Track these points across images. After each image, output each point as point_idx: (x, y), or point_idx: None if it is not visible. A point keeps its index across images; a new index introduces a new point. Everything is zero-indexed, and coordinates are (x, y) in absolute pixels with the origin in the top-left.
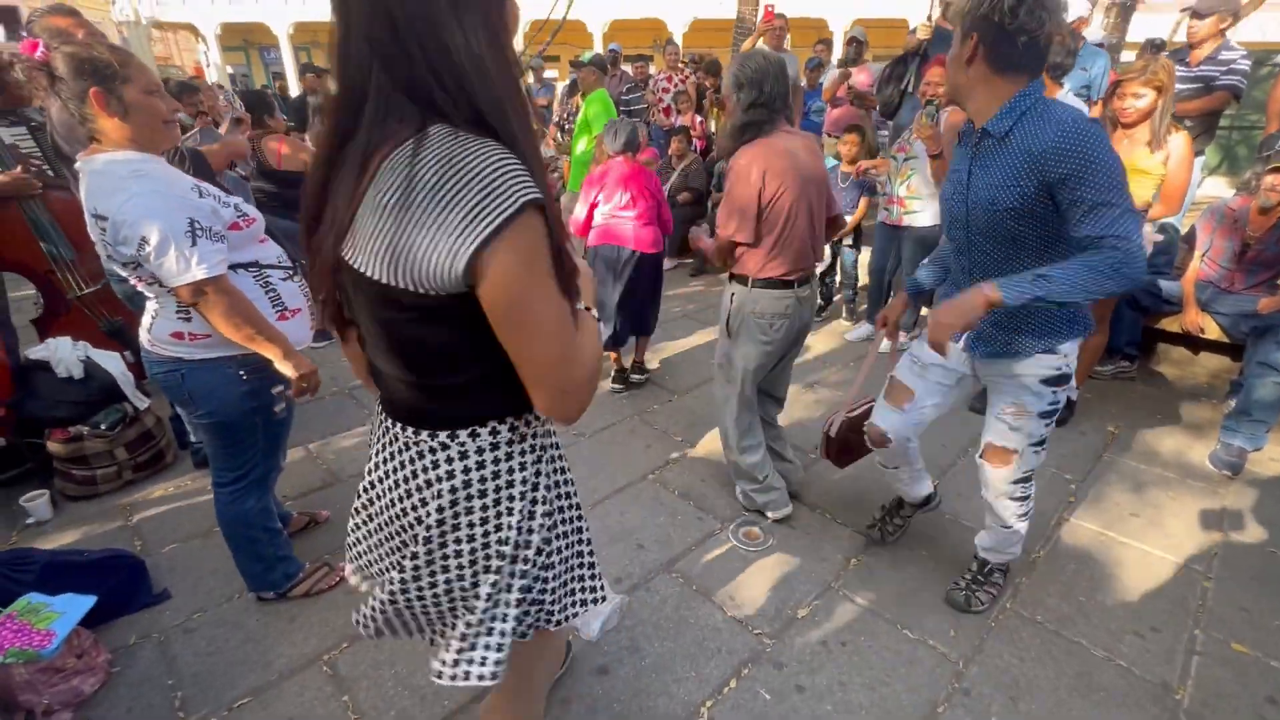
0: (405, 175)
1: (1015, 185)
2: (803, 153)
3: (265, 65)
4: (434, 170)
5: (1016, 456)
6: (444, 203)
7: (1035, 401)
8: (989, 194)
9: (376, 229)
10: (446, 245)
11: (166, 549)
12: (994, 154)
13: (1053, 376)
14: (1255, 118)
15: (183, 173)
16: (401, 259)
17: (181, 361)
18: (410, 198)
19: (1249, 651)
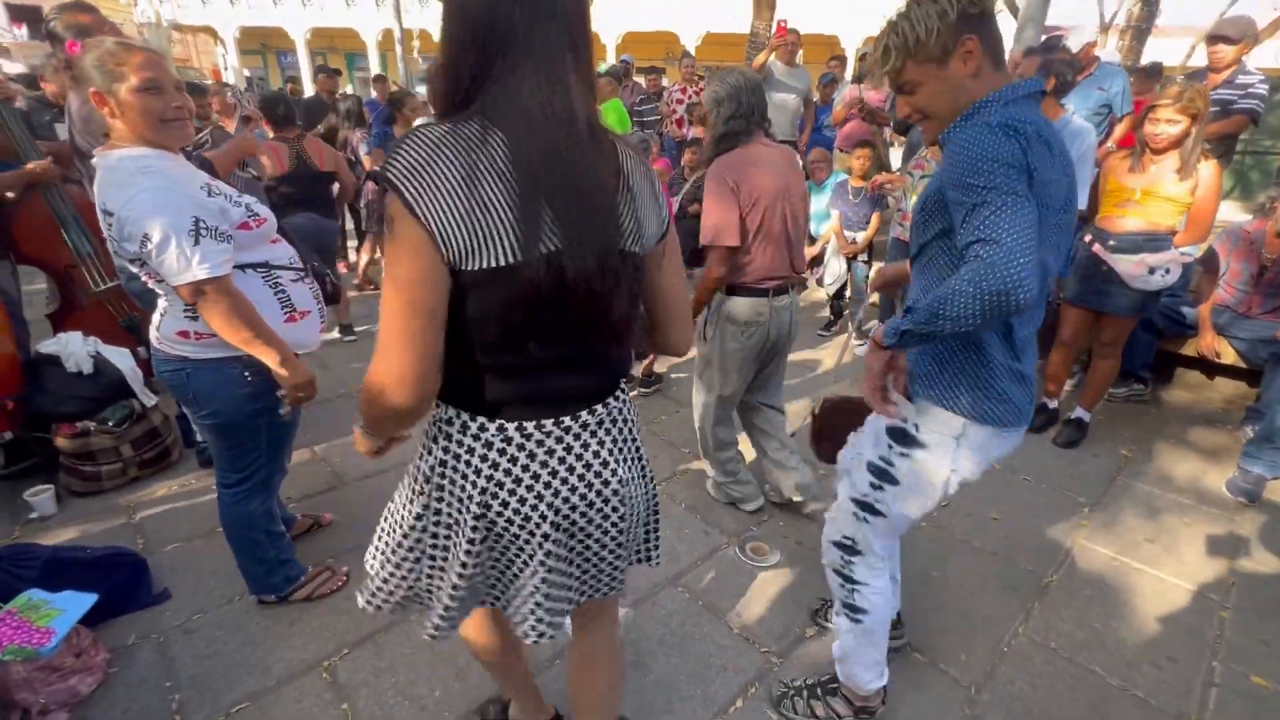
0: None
1: (931, 197)
2: (779, 164)
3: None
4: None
5: (836, 506)
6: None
7: (871, 446)
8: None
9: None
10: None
11: (169, 548)
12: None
13: (896, 428)
14: (1269, 142)
15: (197, 170)
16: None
17: (187, 360)
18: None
19: (1269, 685)
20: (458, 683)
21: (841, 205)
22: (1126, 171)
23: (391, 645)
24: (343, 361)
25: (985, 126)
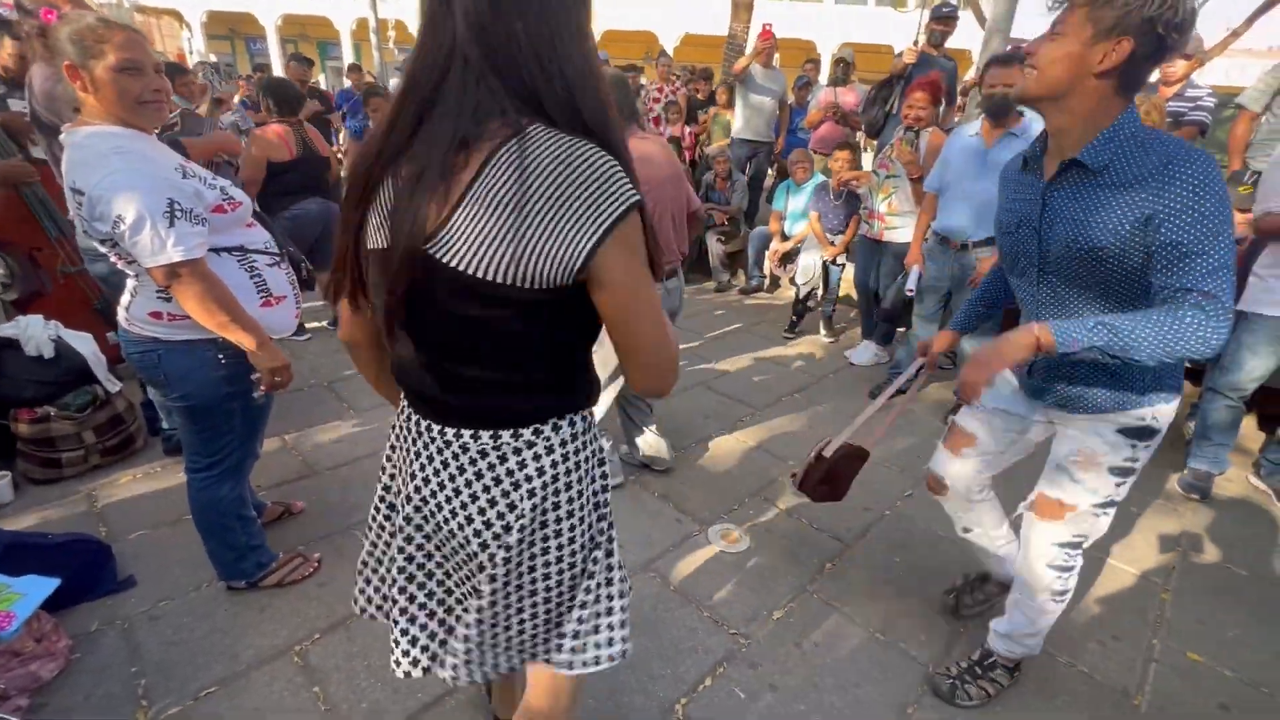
0: (518, 172)
1: (1107, 223)
2: (657, 155)
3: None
4: (550, 168)
5: (1072, 512)
6: (563, 199)
7: (1109, 453)
8: (1071, 231)
9: (489, 225)
10: (567, 240)
11: (133, 536)
12: (1082, 186)
13: (1135, 428)
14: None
15: (171, 152)
16: (519, 255)
17: (158, 342)
18: (526, 195)
19: (1204, 660)
20: None
21: (822, 207)
22: None
23: (364, 630)
24: (314, 350)
25: (1205, 157)
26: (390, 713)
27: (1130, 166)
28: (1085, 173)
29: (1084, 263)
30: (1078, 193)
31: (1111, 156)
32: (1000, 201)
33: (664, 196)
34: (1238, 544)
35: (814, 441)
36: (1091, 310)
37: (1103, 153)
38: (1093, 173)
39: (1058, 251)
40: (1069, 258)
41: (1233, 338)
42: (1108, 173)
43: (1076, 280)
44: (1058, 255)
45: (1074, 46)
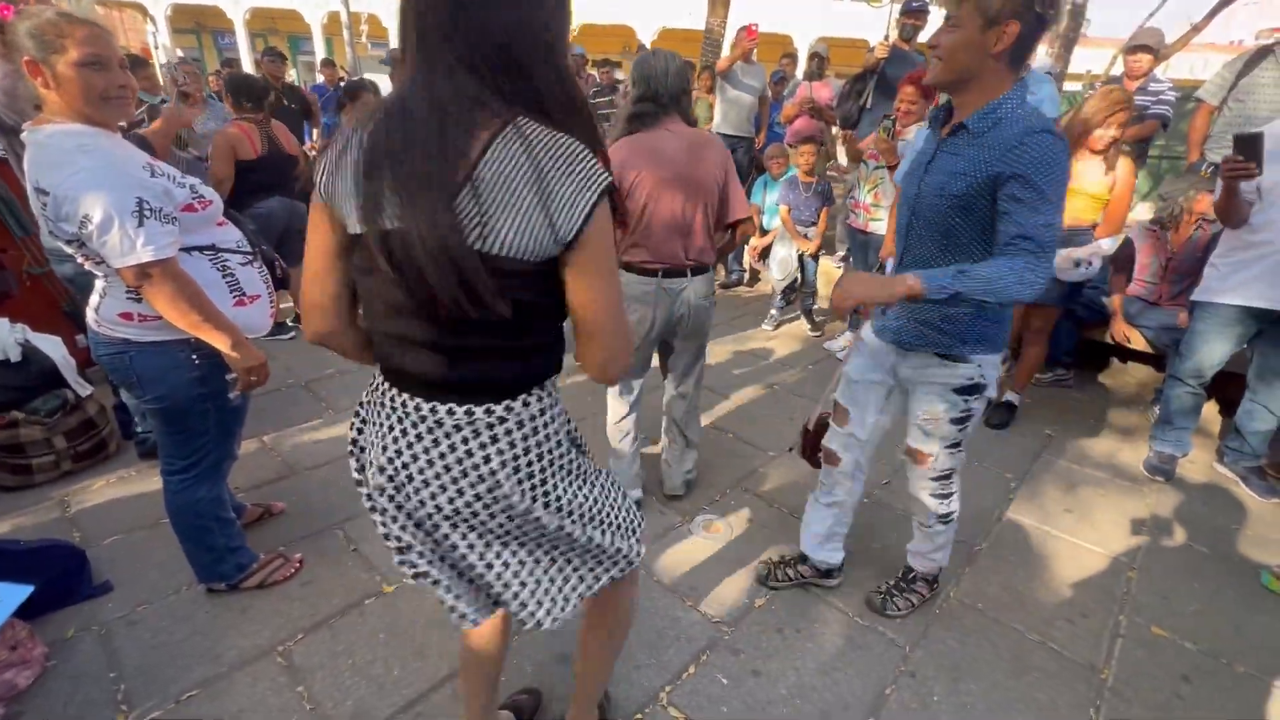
0: (526, 154)
1: (967, 175)
2: (677, 152)
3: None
4: (550, 148)
5: (932, 458)
6: (561, 179)
7: (948, 409)
8: (941, 180)
9: (504, 203)
10: (565, 211)
11: (108, 541)
12: (963, 145)
13: (965, 385)
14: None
15: (137, 149)
16: (530, 228)
17: (130, 343)
18: (541, 174)
19: (1167, 634)
20: (417, 660)
21: (793, 199)
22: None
23: (348, 628)
24: (291, 350)
25: (1055, 137)
26: (376, 709)
27: (1001, 133)
28: (969, 135)
29: (940, 208)
30: (958, 150)
31: (992, 124)
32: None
33: (661, 189)
34: (1200, 524)
35: (795, 433)
36: (940, 256)
37: (986, 120)
38: (974, 135)
39: (927, 197)
40: (932, 203)
41: (1191, 326)
42: (985, 136)
43: (932, 223)
44: (927, 200)
45: (970, 35)
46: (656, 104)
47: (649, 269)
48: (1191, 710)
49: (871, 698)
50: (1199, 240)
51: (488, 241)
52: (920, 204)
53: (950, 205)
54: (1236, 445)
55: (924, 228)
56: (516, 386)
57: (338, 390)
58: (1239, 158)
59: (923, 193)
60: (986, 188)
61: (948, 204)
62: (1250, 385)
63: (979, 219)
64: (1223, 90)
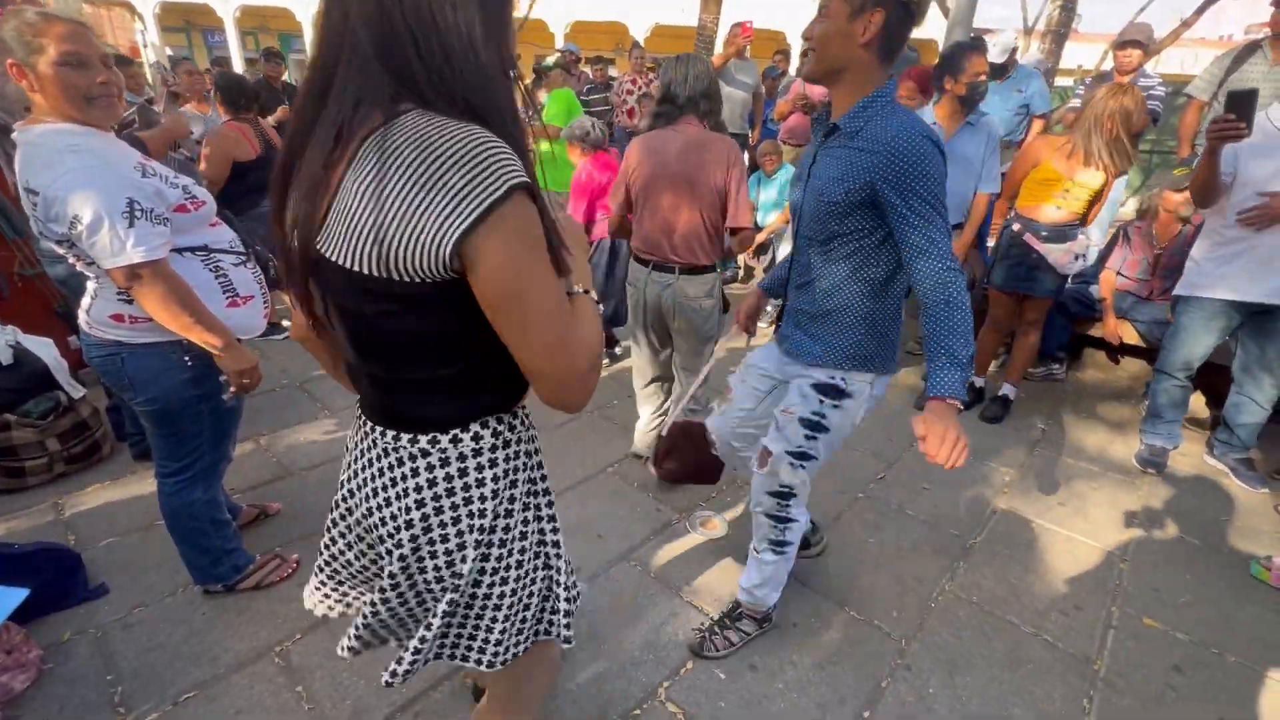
0: (377, 160)
1: (844, 180)
2: (677, 150)
3: (209, 48)
4: (410, 154)
5: (772, 459)
6: (424, 187)
7: (802, 404)
8: (819, 185)
9: (354, 217)
10: (430, 231)
11: (103, 543)
12: (840, 148)
13: (826, 384)
14: (1172, 143)
15: (130, 149)
16: (382, 247)
17: (122, 345)
18: (384, 184)
19: (1159, 626)
20: None
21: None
22: (1065, 158)
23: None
24: (286, 350)
25: (923, 138)
26: (375, 708)
27: (875, 133)
28: (843, 136)
29: (820, 217)
30: (835, 154)
31: (864, 123)
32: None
33: (657, 185)
34: (1190, 516)
35: None
36: (822, 266)
37: (857, 119)
38: (848, 136)
39: (810, 205)
40: (814, 211)
41: (1175, 321)
42: (859, 137)
43: (815, 231)
44: (809, 209)
45: (839, 24)
46: (674, 105)
47: (642, 258)
48: (1183, 700)
49: (867, 691)
50: (1187, 236)
51: (353, 260)
52: (805, 212)
53: (829, 212)
54: (1225, 438)
55: (809, 234)
56: (443, 422)
57: (333, 391)
58: (1230, 115)
59: (805, 201)
60: (864, 194)
61: (827, 210)
62: (1236, 379)
63: (856, 226)
64: (1212, 86)
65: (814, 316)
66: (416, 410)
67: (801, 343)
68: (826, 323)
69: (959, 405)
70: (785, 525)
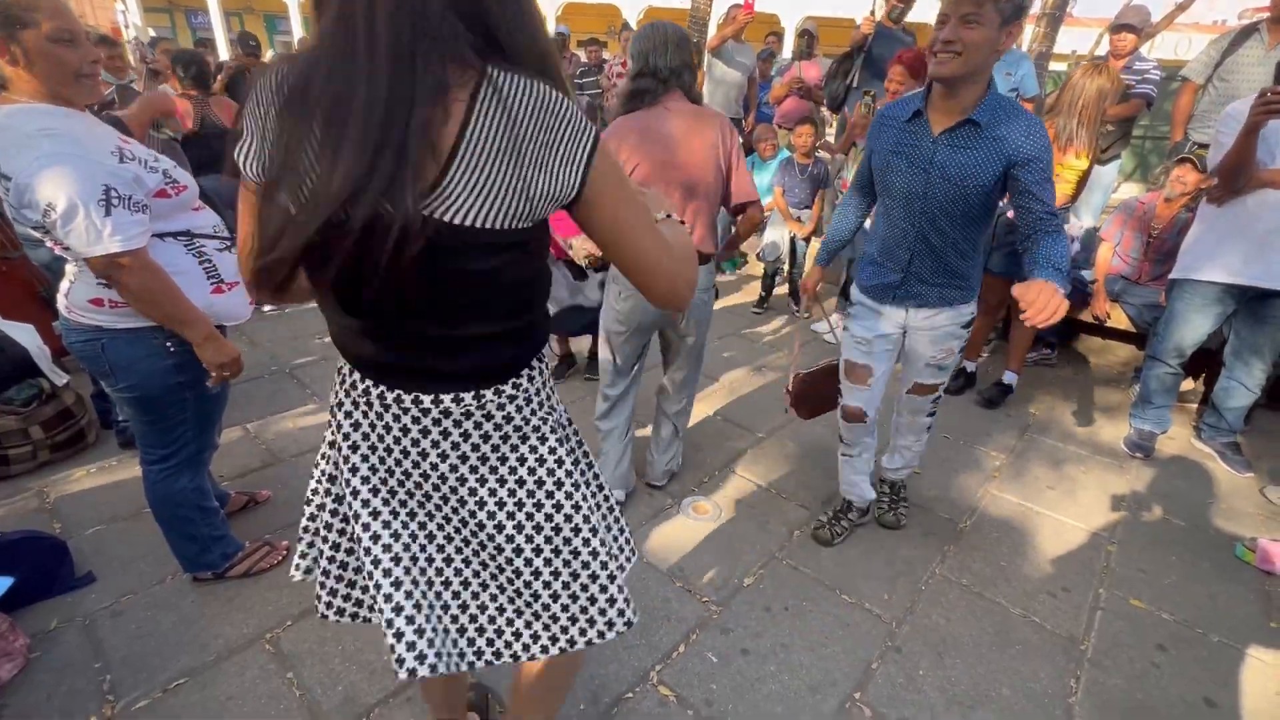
0: (506, 121)
1: (989, 166)
2: (678, 130)
3: (192, 29)
4: (531, 112)
5: (940, 385)
6: (549, 139)
7: (958, 342)
8: (961, 172)
9: (491, 175)
10: (562, 169)
11: (90, 531)
12: (969, 138)
13: (969, 320)
14: (1166, 128)
15: (108, 131)
16: (523, 196)
17: (102, 330)
18: (519, 140)
19: (1144, 606)
20: None
21: (787, 182)
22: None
23: None
24: (274, 336)
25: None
26: (366, 694)
27: (1001, 123)
28: (974, 128)
29: (961, 197)
30: (965, 143)
31: (990, 115)
32: (883, 145)
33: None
34: (1177, 498)
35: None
36: (954, 234)
37: (985, 113)
38: (980, 127)
39: (944, 189)
40: (951, 194)
41: (1169, 306)
42: (989, 128)
43: (946, 210)
44: (943, 192)
45: (991, 33)
46: (656, 79)
47: None
48: (1168, 679)
49: (858, 673)
50: (1186, 221)
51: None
52: (934, 197)
53: (977, 194)
54: (1214, 421)
55: (942, 215)
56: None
57: (322, 376)
58: (1279, 87)
59: (934, 188)
60: (1002, 174)
61: (974, 193)
62: (1227, 363)
63: (990, 199)
64: (1208, 69)
65: (949, 272)
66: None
67: (945, 293)
68: (959, 272)
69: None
70: (935, 415)
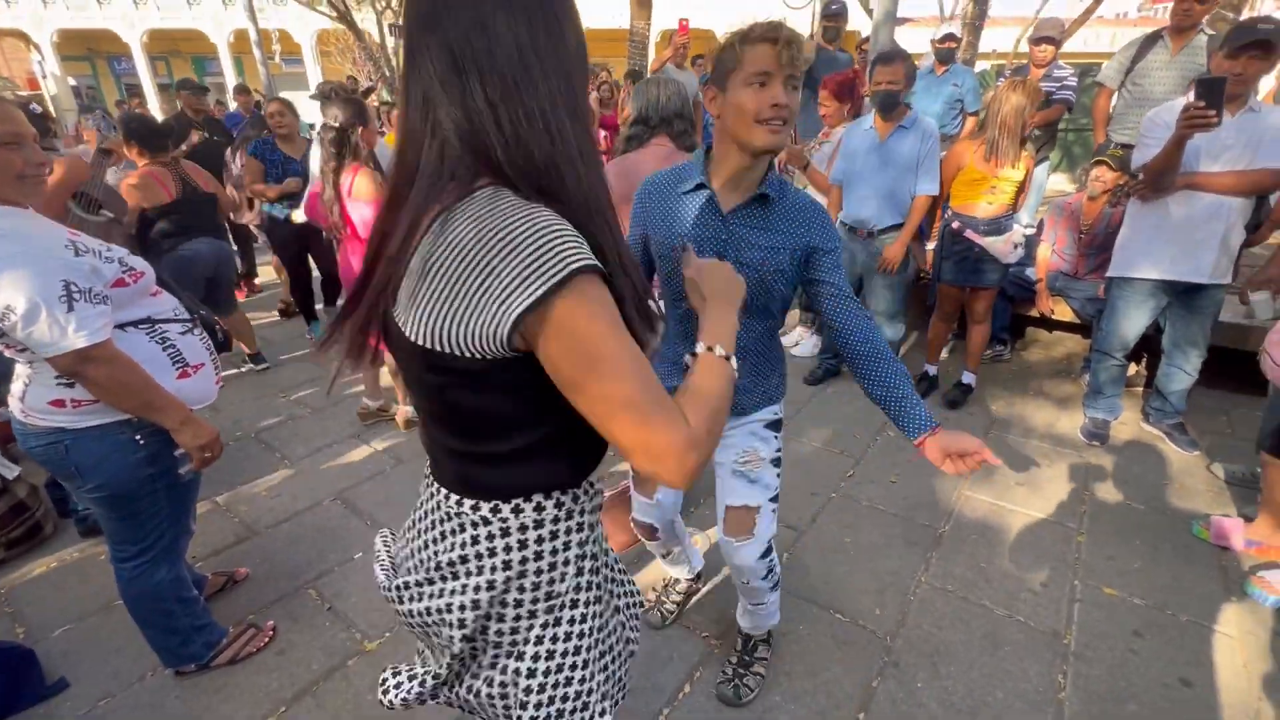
0: (436, 239)
1: (785, 249)
2: (645, 168)
3: (116, 76)
4: (468, 236)
5: (758, 515)
6: (483, 271)
7: (764, 447)
8: (761, 255)
9: (420, 293)
10: (487, 313)
11: (57, 632)
12: (762, 216)
13: (773, 421)
14: (1085, 121)
15: (56, 225)
16: (445, 324)
17: (64, 431)
18: (441, 264)
19: (1117, 594)
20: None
21: None
22: (983, 160)
23: (333, 693)
24: (234, 397)
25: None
26: None
27: (794, 200)
28: (766, 203)
29: (760, 285)
30: (759, 222)
31: (777, 191)
32: (660, 222)
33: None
34: (1134, 482)
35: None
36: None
37: (774, 186)
38: (771, 203)
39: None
40: (752, 282)
41: (1110, 303)
42: (778, 204)
43: (751, 299)
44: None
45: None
46: (646, 126)
47: None
48: (1147, 663)
49: (860, 693)
50: (1111, 216)
51: (416, 333)
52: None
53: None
54: (1159, 405)
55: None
56: (506, 491)
57: (290, 438)
58: (1200, 104)
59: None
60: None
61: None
62: (1166, 351)
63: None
64: (1120, 74)
65: (754, 369)
66: (482, 478)
67: (750, 397)
68: (764, 368)
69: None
70: (775, 570)
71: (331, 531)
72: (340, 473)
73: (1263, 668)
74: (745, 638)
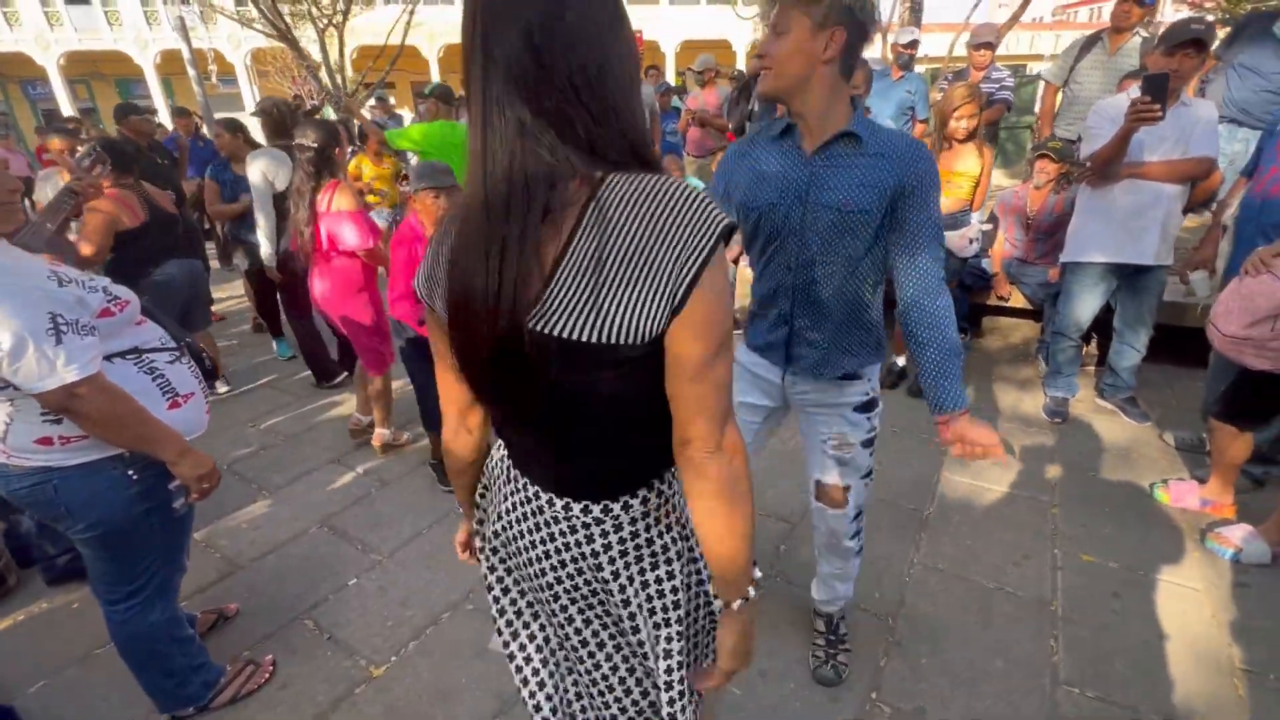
0: (598, 235)
1: (874, 187)
2: None
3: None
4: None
5: (849, 492)
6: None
7: (854, 431)
8: (842, 195)
9: (580, 290)
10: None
11: (34, 689)
12: (849, 155)
13: (864, 403)
14: (1015, 119)
15: (35, 257)
16: (607, 315)
17: (52, 471)
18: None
19: (1094, 559)
20: None
21: None
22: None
23: None
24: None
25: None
26: None
27: (880, 141)
28: (853, 143)
29: (843, 225)
30: (845, 162)
31: (867, 131)
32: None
33: None
34: (1096, 454)
35: None
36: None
37: (862, 126)
38: (859, 143)
39: (825, 217)
40: (833, 222)
41: (1064, 287)
42: (869, 143)
43: (830, 244)
44: (824, 221)
45: (803, 41)
46: None
47: None
48: (1127, 622)
49: (870, 673)
50: (1054, 204)
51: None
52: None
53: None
54: (1112, 381)
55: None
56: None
57: (266, 467)
58: (1147, 98)
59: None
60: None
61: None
62: (1117, 330)
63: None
64: (1064, 73)
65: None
66: (597, 477)
67: (841, 363)
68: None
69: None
70: (861, 536)
71: (321, 559)
72: (324, 499)
73: (1227, 617)
74: (826, 619)
